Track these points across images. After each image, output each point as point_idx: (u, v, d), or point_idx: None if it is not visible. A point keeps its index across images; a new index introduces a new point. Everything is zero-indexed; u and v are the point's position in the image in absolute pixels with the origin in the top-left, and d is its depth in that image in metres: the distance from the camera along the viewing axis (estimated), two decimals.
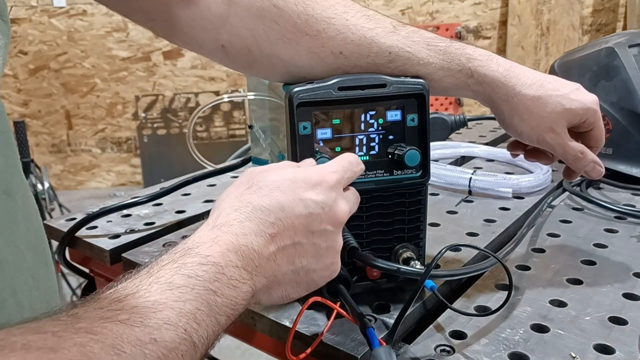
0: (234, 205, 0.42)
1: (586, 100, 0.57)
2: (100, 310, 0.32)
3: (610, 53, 0.95)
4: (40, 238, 0.47)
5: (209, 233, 0.40)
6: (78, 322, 0.30)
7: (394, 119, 0.54)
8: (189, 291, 0.35)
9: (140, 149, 3.71)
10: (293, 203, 0.42)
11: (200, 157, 0.75)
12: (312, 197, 0.43)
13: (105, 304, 0.33)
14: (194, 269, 0.37)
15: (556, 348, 0.49)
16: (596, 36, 3.43)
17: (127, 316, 0.32)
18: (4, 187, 0.41)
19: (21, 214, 0.43)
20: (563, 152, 0.58)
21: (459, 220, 0.78)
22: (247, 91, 0.76)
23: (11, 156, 0.44)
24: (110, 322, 0.31)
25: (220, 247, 0.39)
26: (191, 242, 0.39)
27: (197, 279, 0.36)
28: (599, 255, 0.67)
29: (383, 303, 0.57)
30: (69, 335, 0.29)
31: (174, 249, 0.39)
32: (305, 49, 0.53)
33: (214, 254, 0.38)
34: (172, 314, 0.33)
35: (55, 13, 3.63)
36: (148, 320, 0.32)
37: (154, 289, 0.34)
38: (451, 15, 3.59)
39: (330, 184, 0.44)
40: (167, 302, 0.34)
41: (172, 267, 0.37)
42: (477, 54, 0.55)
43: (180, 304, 0.34)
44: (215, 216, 0.42)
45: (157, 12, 0.52)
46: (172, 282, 0.35)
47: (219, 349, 0.44)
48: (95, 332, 0.30)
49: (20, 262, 0.42)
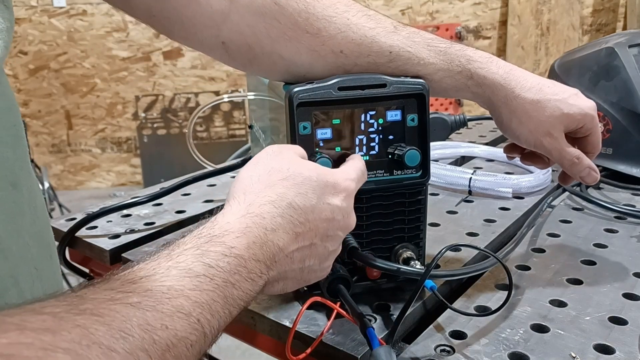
0: (269, 196, 0.41)
1: (584, 106, 0.57)
2: (110, 292, 0.31)
3: (610, 53, 0.95)
4: (45, 231, 0.47)
5: (240, 221, 0.39)
6: (83, 303, 0.29)
7: (394, 119, 0.54)
8: (207, 281, 0.35)
9: (140, 149, 3.71)
10: (322, 207, 0.43)
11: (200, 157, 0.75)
12: (337, 204, 0.44)
13: (117, 285, 0.32)
14: (216, 259, 0.36)
15: (556, 348, 0.49)
16: (596, 36, 3.43)
17: (138, 299, 0.31)
18: (12, 179, 0.42)
19: (27, 206, 0.44)
20: (559, 156, 0.58)
21: (459, 220, 0.78)
22: (247, 91, 0.76)
23: (20, 149, 0.44)
24: (120, 303, 0.30)
25: (247, 240, 0.38)
26: (218, 228, 0.39)
27: (218, 270, 0.36)
28: (599, 255, 0.67)
29: (383, 303, 0.57)
30: (70, 317, 0.28)
31: (199, 231, 0.38)
32: (306, 47, 0.53)
33: (240, 246, 0.38)
34: (186, 302, 0.33)
35: (55, 13, 3.63)
36: (161, 306, 0.32)
37: (172, 274, 0.34)
38: (451, 15, 3.58)
39: (350, 192, 0.46)
40: (184, 289, 0.33)
41: (194, 253, 0.36)
42: (477, 55, 0.55)
43: (197, 293, 0.34)
44: (247, 201, 0.41)
45: (158, 8, 0.52)
46: (192, 269, 0.35)
47: (219, 349, 0.44)
48: (102, 314, 0.29)
49: (24, 252, 0.42)
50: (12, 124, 0.43)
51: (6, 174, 0.41)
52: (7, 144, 0.42)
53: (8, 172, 0.42)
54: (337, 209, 0.44)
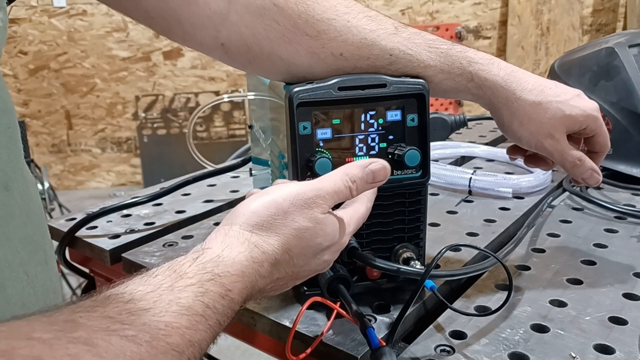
0: (274, 246, 0.42)
1: (586, 107, 0.57)
2: (106, 320, 0.31)
3: (610, 53, 0.95)
4: (40, 236, 0.47)
5: (242, 265, 0.40)
6: (76, 329, 0.29)
7: (394, 119, 0.54)
8: (203, 321, 0.35)
9: (140, 149, 3.71)
10: (310, 265, 0.45)
11: (200, 157, 0.75)
12: (324, 258, 0.46)
13: (114, 312, 0.32)
14: (214, 300, 0.37)
15: (556, 348, 0.49)
16: (596, 36, 3.43)
17: (134, 332, 0.31)
18: (4, 180, 0.41)
19: (19, 209, 0.43)
20: (561, 158, 0.58)
21: (459, 220, 0.78)
22: (247, 91, 0.76)
23: (14, 151, 0.44)
24: (116, 335, 0.30)
25: (243, 285, 0.39)
26: (223, 267, 0.39)
27: (214, 311, 0.36)
28: (599, 255, 0.67)
29: (383, 303, 0.57)
30: (62, 344, 0.27)
31: (204, 261, 0.38)
32: (305, 49, 0.53)
33: (235, 290, 0.38)
34: (181, 341, 0.33)
35: (55, 13, 3.63)
36: (156, 342, 0.32)
37: (172, 309, 0.34)
38: (451, 15, 3.58)
39: (342, 246, 0.48)
40: (180, 327, 0.34)
41: (196, 291, 0.36)
42: (478, 57, 0.55)
43: (192, 332, 0.34)
44: (252, 241, 0.41)
45: (156, 9, 0.52)
46: (191, 307, 0.35)
47: (219, 349, 0.44)
48: (95, 344, 0.28)
49: (12, 256, 0.41)
50: (7, 125, 0.43)
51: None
52: (1, 145, 0.41)
53: (1, 174, 0.41)
54: (323, 262, 0.46)
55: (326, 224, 0.44)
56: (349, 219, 0.47)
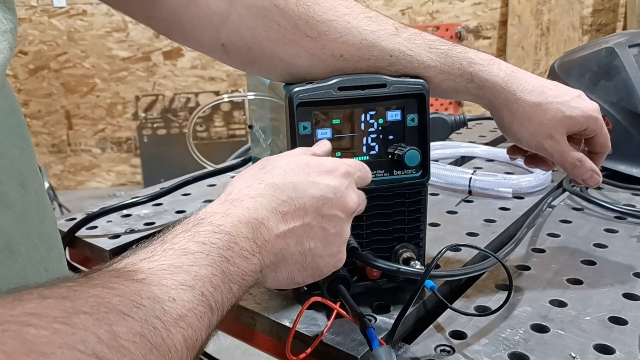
0: (247, 182, 0.43)
1: (587, 108, 0.57)
2: (115, 272, 0.32)
3: (610, 53, 0.95)
4: (53, 232, 0.47)
5: (221, 206, 0.41)
6: (92, 280, 0.30)
7: (394, 119, 0.54)
8: (203, 257, 0.36)
9: (140, 149, 3.71)
10: (306, 184, 0.43)
11: (200, 157, 0.75)
12: (325, 182, 0.44)
13: (120, 266, 0.33)
14: (207, 237, 0.37)
15: (556, 348, 0.49)
16: (596, 36, 3.43)
17: (143, 276, 0.32)
18: (20, 179, 0.42)
19: (35, 207, 0.44)
20: (561, 159, 0.58)
21: (459, 220, 0.78)
22: (247, 91, 0.76)
23: (26, 149, 0.44)
24: (127, 279, 0.31)
25: (231, 219, 0.40)
26: (203, 212, 0.40)
27: (212, 246, 0.37)
28: (599, 256, 0.67)
29: (383, 303, 0.57)
30: (85, 289, 0.29)
31: (186, 220, 0.40)
32: (306, 50, 0.53)
33: (226, 224, 0.39)
34: (188, 277, 0.34)
35: (55, 13, 3.63)
36: (165, 281, 0.33)
37: (169, 254, 0.35)
38: (451, 15, 3.58)
39: (343, 172, 0.46)
40: (183, 265, 0.34)
41: (186, 235, 0.37)
42: (478, 58, 0.55)
43: (196, 268, 0.35)
44: (227, 192, 0.43)
45: (156, 10, 0.52)
46: (187, 248, 0.36)
47: (219, 349, 0.44)
48: (112, 287, 0.30)
49: (34, 253, 0.42)
50: (17, 124, 0.43)
51: (15, 174, 0.41)
52: (13, 144, 0.42)
53: (16, 173, 0.42)
54: (325, 186, 0.44)
55: (303, 155, 0.46)
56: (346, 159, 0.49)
